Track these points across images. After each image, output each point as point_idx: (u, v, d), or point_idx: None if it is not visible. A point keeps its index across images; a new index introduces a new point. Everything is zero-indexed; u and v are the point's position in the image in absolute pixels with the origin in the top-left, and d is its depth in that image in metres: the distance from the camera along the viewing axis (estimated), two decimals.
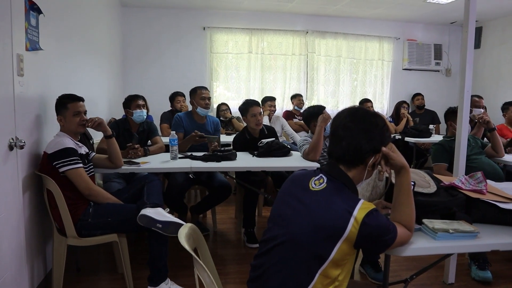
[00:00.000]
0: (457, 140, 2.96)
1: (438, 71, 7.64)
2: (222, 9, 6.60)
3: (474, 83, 3.29)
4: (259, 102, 4.00)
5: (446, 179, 2.09)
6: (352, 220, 1.36)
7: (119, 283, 2.87)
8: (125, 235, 2.73)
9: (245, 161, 3.40)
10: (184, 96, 5.45)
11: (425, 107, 6.88)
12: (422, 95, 6.98)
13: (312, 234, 1.39)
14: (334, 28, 7.03)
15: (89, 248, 2.96)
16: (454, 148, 3.02)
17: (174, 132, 3.41)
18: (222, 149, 3.54)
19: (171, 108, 5.52)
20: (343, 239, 1.37)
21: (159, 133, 5.47)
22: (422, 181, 1.94)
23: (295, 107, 6.38)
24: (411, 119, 6.28)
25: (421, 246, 1.59)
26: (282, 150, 3.56)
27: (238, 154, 3.49)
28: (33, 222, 2.62)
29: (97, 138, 3.65)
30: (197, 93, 3.89)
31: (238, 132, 4.55)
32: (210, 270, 1.47)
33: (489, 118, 3.74)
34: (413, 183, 1.76)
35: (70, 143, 2.62)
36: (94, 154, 3.02)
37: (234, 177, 3.87)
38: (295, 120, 6.15)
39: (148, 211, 2.53)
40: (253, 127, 3.87)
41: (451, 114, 3.69)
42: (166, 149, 3.57)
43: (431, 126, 5.76)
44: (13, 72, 2.30)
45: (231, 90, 6.93)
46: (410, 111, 6.58)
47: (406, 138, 5.51)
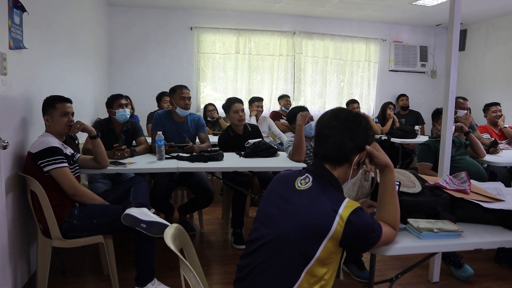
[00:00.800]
0: (442, 140, 2.99)
1: (424, 73, 7.73)
2: (209, 9, 6.59)
3: (458, 85, 3.34)
4: (241, 99, 4.00)
5: (431, 179, 2.11)
6: (337, 218, 1.38)
7: (105, 285, 2.84)
8: (111, 237, 2.70)
9: (232, 161, 3.40)
10: None
11: (409, 108, 6.96)
12: (407, 96, 7.06)
13: (297, 233, 1.40)
14: (321, 29, 7.07)
15: (74, 249, 2.93)
16: (439, 148, 3.06)
17: (160, 132, 3.38)
18: (209, 149, 3.53)
19: (158, 108, 5.49)
20: (329, 238, 1.38)
21: (144, 133, 5.48)
22: (407, 181, 1.96)
23: (282, 108, 6.38)
24: (397, 120, 6.35)
25: (406, 245, 1.60)
26: (269, 151, 3.57)
27: (225, 154, 3.49)
28: (16, 224, 2.58)
29: (82, 138, 3.61)
30: (176, 92, 3.76)
31: None
32: (196, 270, 1.46)
33: (462, 124, 3.79)
34: (398, 183, 1.78)
35: (55, 143, 2.59)
36: (79, 155, 2.99)
37: (221, 177, 3.87)
38: (282, 120, 6.16)
39: (132, 211, 2.51)
40: (236, 124, 3.88)
41: (437, 115, 3.75)
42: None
43: (417, 127, 5.83)
44: None
45: (218, 90, 6.91)
46: (395, 112, 6.64)
47: (392, 139, 5.56)
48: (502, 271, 3.22)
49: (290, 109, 4.24)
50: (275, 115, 6.35)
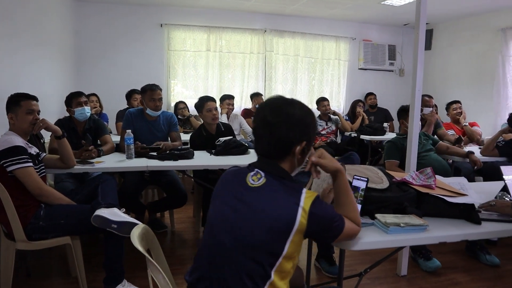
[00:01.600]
0: (408, 137, 3.06)
1: (392, 71, 7.91)
2: (179, 6, 6.53)
3: (425, 83, 3.41)
4: (214, 98, 3.98)
5: (398, 175, 2.16)
6: (300, 210, 1.37)
7: (73, 287, 2.78)
8: (78, 237, 2.64)
9: (202, 159, 3.39)
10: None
11: (377, 106, 7.10)
12: (375, 95, 7.19)
13: (262, 234, 1.36)
14: (292, 27, 7.12)
15: (40, 251, 2.85)
16: (406, 145, 3.13)
17: (129, 130, 3.33)
18: (180, 147, 3.50)
19: (128, 106, 5.40)
20: (295, 232, 1.36)
21: (114, 131, 5.38)
22: (375, 177, 2.00)
23: (256, 106, 6.39)
24: (367, 118, 6.46)
25: (373, 240, 1.63)
26: (240, 148, 3.58)
27: (196, 152, 3.46)
28: None
29: (48, 137, 3.51)
30: (147, 93, 3.68)
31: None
32: (164, 271, 1.44)
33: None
34: (366, 179, 1.82)
35: (19, 142, 2.51)
36: (45, 154, 2.90)
37: (192, 176, 3.84)
38: None
39: (102, 212, 2.45)
40: (209, 122, 3.86)
41: (403, 112, 3.82)
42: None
43: (385, 124, 5.96)
44: None
45: (189, 88, 6.86)
46: (365, 110, 6.76)
47: (362, 136, 5.66)
48: (468, 263, 3.33)
49: (257, 107, 4.26)
50: (247, 113, 6.35)
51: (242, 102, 6.98)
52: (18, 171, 2.44)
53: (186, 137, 4.28)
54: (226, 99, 5.78)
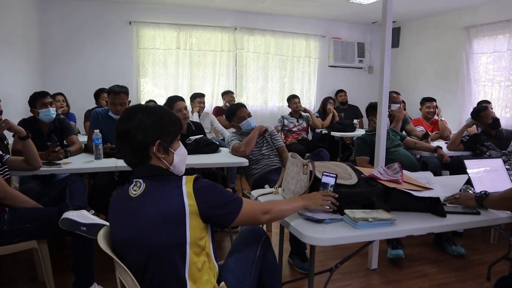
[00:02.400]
0: (377, 133, 3.12)
1: (361, 68, 8.03)
2: (148, 3, 6.43)
3: (393, 80, 3.50)
4: (183, 97, 3.95)
5: (366, 171, 2.19)
6: (185, 195, 1.42)
7: None
8: (45, 241, 2.57)
9: None
10: None
11: (348, 103, 7.20)
12: (345, 92, 7.30)
13: (161, 233, 1.39)
14: (262, 25, 7.13)
15: (5, 256, 2.75)
16: (375, 141, 3.19)
17: (97, 130, 3.26)
18: None
19: (96, 105, 5.29)
20: (189, 216, 1.41)
21: (82, 131, 5.27)
22: (344, 173, 2.02)
23: (226, 104, 6.37)
24: (337, 114, 6.54)
25: (343, 235, 1.65)
26: (211, 147, 3.56)
27: None
28: None
29: (12, 138, 3.40)
30: (109, 96, 3.57)
31: None
32: None
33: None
34: (335, 175, 1.84)
35: None
36: (8, 156, 2.81)
37: None
38: None
39: (71, 214, 2.40)
40: None
41: (372, 109, 3.88)
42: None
43: (355, 121, 6.05)
44: None
45: (160, 86, 6.77)
46: (335, 107, 6.84)
47: (332, 133, 5.72)
48: (436, 255, 3.43)
49: (228, 106, 4.28)
50: (219, 111, 6.33)
51: (213, 100, 6.94)
52: None
53: None
54: (197, 98, 5.75)
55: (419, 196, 1.93)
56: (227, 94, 6.48)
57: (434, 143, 4.28)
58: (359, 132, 5.59)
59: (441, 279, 3.01)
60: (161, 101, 6.00)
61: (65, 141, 3.53)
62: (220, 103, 6.72)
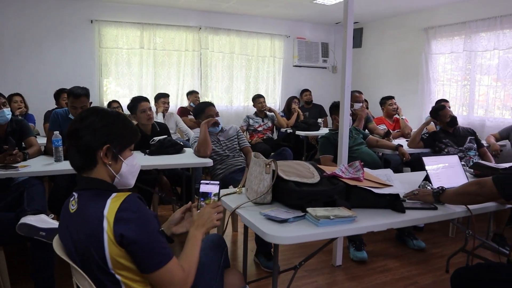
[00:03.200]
0: (339, 132, 3.17)
1: (325, 68, 8.14)
2: (110, 1, 6.28)
3: (356, 80, 3.56)
4: (147, 98, 3.90)
5: (328, 169, 2.22)
6: (104, 221, 1.28)
7: None
8: (2, 248, 2.48)
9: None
10: None
11: (312, 102, 7.29)
12: (310, 91, 7.38)
13: (84, 254, 1.32)
14: (227, 24, 7.11)
15: None
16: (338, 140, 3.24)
17: (57, 132, 3.16)
18: None
19: (57, 106, 5.13)
20: (107, 242, 1.28)
21: (42, 133, 5.10)
22: (307, 172, 2.05)
23: (191, 104, 6.32)
24: (302, 114, 6.60)
25: (305, 233, 1.67)
26: (175, 147, 3.53)
27: None
28: None
29: None
30: (69, 98, 3.43)
31: None
32: None
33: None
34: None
35: None
36: None
37: None
38: (190, 116, 6.10)
39: (29, 219, 2.32)
40: (144, 123, 3.78)
41: (335, 108, 3.94)
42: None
43: (320, 120, 6.13)
44: None
45: (123, 86, 6.63)
46: (299, 106, 6.90)
47: (297, 132, 5.78)
48: (398, 250, 3.54)
49: (195, 105, 4.25)
50: (183, 111, 6.27)
51: (178, 100, 6.86)
52: None
53: None
54: (161, 98, 5.68)
55: (379, 193, 1.98)
56: (192, 94, 6.43)
57: (396, 141, 4.39)
58: (324, 131, 5.66)
59: (402, 273, 3.10)
60: (125, 101, 5.84)
61: (23, 143, 3.40)
62: (185, 103, 6.66)
